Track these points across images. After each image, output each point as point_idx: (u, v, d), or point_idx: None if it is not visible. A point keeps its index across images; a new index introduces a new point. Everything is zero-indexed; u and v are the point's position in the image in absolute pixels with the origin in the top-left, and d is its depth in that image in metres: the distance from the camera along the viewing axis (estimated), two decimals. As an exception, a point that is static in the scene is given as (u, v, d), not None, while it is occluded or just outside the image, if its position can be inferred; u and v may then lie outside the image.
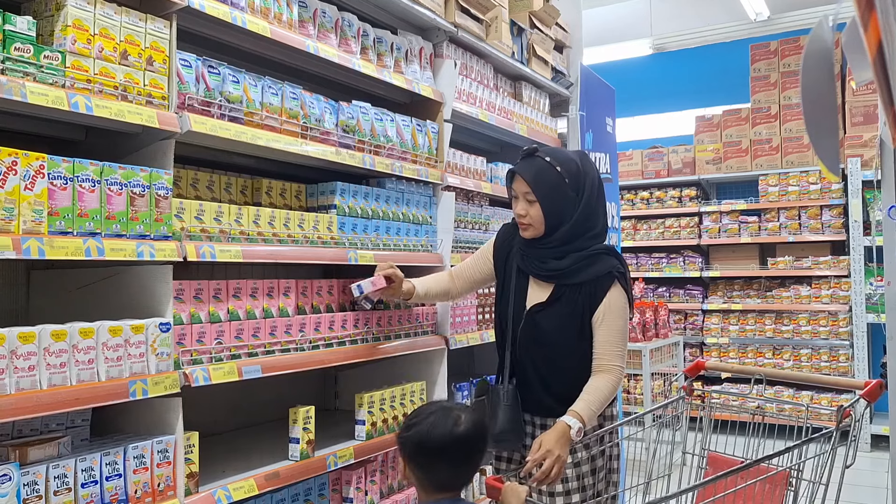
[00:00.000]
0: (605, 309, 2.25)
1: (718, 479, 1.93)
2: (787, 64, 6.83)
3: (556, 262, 2.30)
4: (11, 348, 1.62)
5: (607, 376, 2.23)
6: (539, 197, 2.25)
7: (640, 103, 7.91)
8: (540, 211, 2.26)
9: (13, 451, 1.71)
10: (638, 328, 5.52)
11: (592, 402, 2.19)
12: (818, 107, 1.11)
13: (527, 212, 2.28)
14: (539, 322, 2.31)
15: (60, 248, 1.70)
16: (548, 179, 2.25)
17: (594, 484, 2.31)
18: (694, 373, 2.61)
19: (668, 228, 7.27)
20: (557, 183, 2.26)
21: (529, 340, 2.33)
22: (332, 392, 3.34)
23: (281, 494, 2.37)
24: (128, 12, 1.91)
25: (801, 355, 6.48)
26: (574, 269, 2.27)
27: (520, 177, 2.29)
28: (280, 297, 2.37)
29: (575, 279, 2.27)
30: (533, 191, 2.25)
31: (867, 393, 2.11)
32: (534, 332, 2.31)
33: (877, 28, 0.68)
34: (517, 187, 2.31)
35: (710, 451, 2.48)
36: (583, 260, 2.27)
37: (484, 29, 3.45)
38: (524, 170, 2.28)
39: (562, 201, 2.26)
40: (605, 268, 2.27)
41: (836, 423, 2.05)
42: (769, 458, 2.00)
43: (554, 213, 2.26)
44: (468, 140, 3.89)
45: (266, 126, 2.30)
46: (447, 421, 1.80)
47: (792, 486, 2.16)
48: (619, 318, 2.27)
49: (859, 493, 4.81)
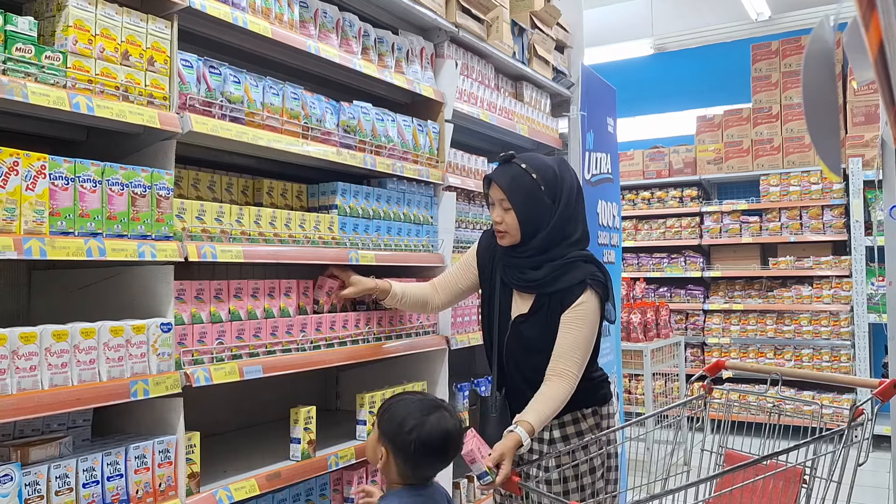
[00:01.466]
0: (572, 315, 2.21)
1: (730, 472, 1.96)
2: (788, 64, 6.83)
3: (533, 272, 2.27)
4: (13, 348, 1.62)
5: (561, 383, 2.17)
6: (514, 204, 2.22)
7: (641, 103, 7.91)
8: (515, 218, 2.23)
9: (15, 451, 1.71)
10: (639, 328, 5.52)
11: (542, 411, 2.13)
12: (819, 107, 1.11)
13: (502, 219, 2.25)
14: (523, 332, 2.30)
15: (62, 248, 1.70)
16: (523, 186, 2.23)
17: (592, 483, 2.31)
18: (714, 372, 2.61)
19: (670, 228, 7.27)
20: (533, 190, 2.23)
21: (516, 349, 2.32)
22: (333, 392, 3.34)
23: (282, 494, 2.38)
24: (129, 13, 1.92)
25: (803, 355, 6.48)
26: (550, 278, 2.24)
27: (495, 183, 2.26)
28: (281, 298, 2.37)
29: (551, 288, 2.24)
30: (508, 198, 2.22)
31: (880, 392, 2.10)
32: (520, 342, 2.30)
33: (878, 28, 0.68)
34: (493, 194, 2.29)
35: (728, 449, 2.48)
36: (558, 269, 2.24)
37: (485, 29, 3.45)
38: (499, 176, 2.25)
39: (537, 208, 2.23)
40: (580, 275, 2.23)
41: (849, 422, 2.05)
42: (780, 453, 2.01)
43: (529, 220, 2.23)
44: (469, 140, 3.89)
45: (267, 126, 2.30)
46: (450, 420, 1.91)
47: (806, 484, 2.17)
48: (586, 325, 2.21)
49: (861, 493, 4.80)
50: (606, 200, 4.43)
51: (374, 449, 1.95)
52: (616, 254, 4.57)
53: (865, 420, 2.07)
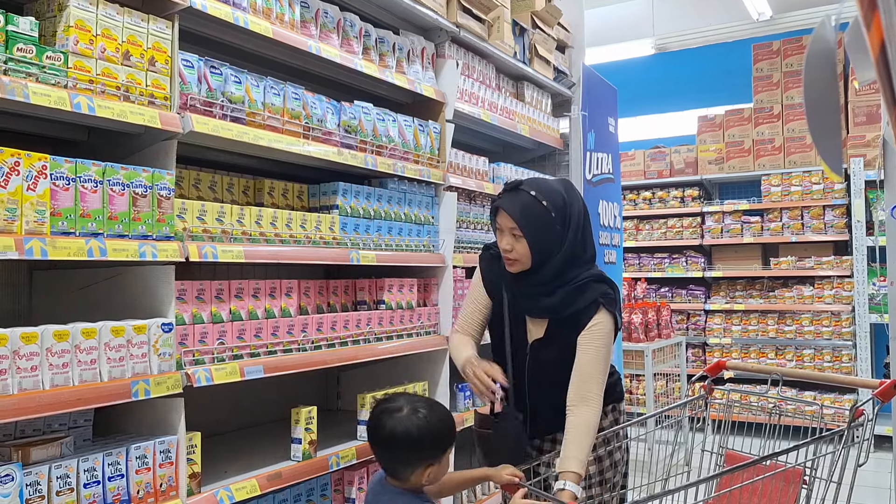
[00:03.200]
0: (588, 335, 2.20)
1: (729, 473, 1.95)
2: (789, 64, 6.82)
3: (546, 298, 2.24)
4: (14, 348, 1.62)
5: (587, 410, 2.14)
6: (525, 232, 2.19)
7: (642, 103, 7.90)
8: (527, 246, 2.20)
9: (16, 451, 1.71)
10: (640, 328, 5.52)
11: (582, 450, 2.07)
12: (821, 106, 1.11)
13: (513, 247, 2.22)
14: (542, 356, 2.28)
15: (63, 248, 1.70)
16: (534, 214, 2.19)
17: (613, 477, 2.32)
18: (715, 372, 2.60)
19: (671, 228, 7.26)
20: (544, 217, 2.20)
21: (537, 373, 2.29)
22: (334, 392, 3.34)
23: (283, 495, 2.38)
24: (130, 13, 1.92)
25: (804, 356, 6.47)
26: (564, 303, 2.23)
27: (504, 212, 2.21)
28: (282, 298, 2.37)
29: (565, 312, 2.23)
30: (519, 226, 2.18)
31: (881, 392, 2.09)
32: (540, 366, 2.28)
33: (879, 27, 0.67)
34: (502, 222, 2.23)
35: (728, 450, 2.48)
36: (571, 293, 2.22)
37: (486, 29, 3.45)
38: (509, 205, 2.21)
39: (549, 235, 2.21)
40: (593, 296, 2.21)
41: (849, 422, 2.05)
42: (780, 454, 2.00)
43: (541, 247, 2.21)
44: (470, 140, 3.89)
45: (268, 126, 2.30)
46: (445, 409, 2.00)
47: (807, 485, 2.16)
48: (603, 345, 2.20)
49: (862, 493, 4.79)
50: (608, 200, 4.43)
51: (417, 477, 1.88)
52: (617, 254, 4.57)
53: (865, 420, 2.06)
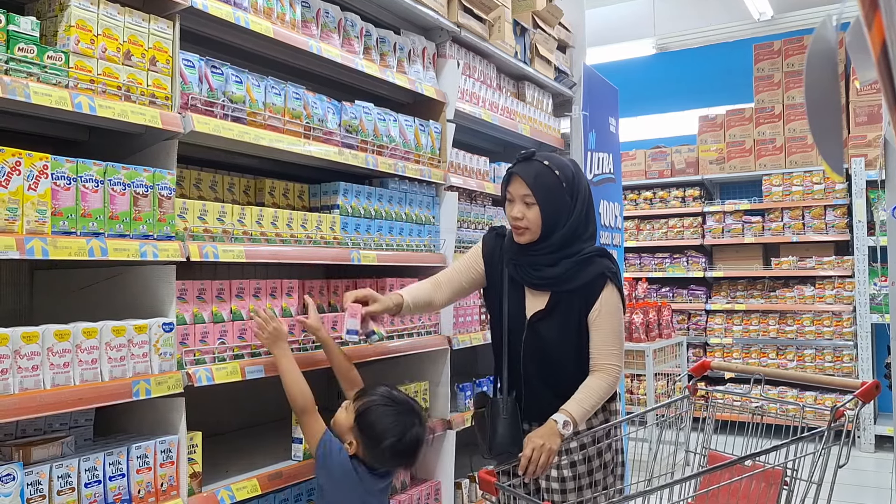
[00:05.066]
0: (599, 308, 2.26)
1: (707, 473, 1.99)
2: (790, 64, 6.82)
3: (550, 269, 2.28)
4: (15, 348, 1.62)
5: (602, 375, 2.25)
6: (539, 199, 2.24)
7: (643, 103, 7.90)
8: (538, 214, 2.24)
9: (17, 450, 1.71)
10: (641, 328, 5.51)
11: (584, 401, 2.20)
12: (822, 106, 1.11)
13: (524, 214, 2.26)
14: (540, 330, 2.29)
15: (64, 248, 1.70)
16: (547, 183, 2.24)
17: (602, 479, 2.31)
18: (699, 372, 2.61)
19: (672, 228, 7.26)
20: (556, 186, 2.25)
21: (534, 349, 2.31)
22: (334, 392, 3.33)
23: (284, 494, 2.38)
24: (131, 12, 1.92)
25: (805, 356, 6.46)
26: (568, 275, 2.26)
27: (519, 178, 2.26)
28: (283, 297, 2.37)
29: (570, 285, 2.26)
30: (533, 193, 2.24)
31: (861, 393, 2.13)
32: (537, 341, 2.30)
33: (881, 27, 0.67)
34: (514, 189, 2.28)
35: (711, 450, 2.48)
36: (575, 265, 2.27)
37: (487, 29, 3.45)
38: (523, 172, 2.26)
39: (559, 204, 2.26)
40: (598, 269, 2.27)
41: (829, 423, 2.06)
42: (759, 454, 2.03)
43: (551, 216, 2.25)
44: (471, 140, 3.89)
45: (269, 126, 2.30)
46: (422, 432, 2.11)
47: (787, 485, 2.17)
48: (614, 317, 2.28)
49: (863, 493, 4.80)
50: (609, 200, 4.43)
51: (345, 432, 2.07)
52: (618, 254, 4.57)
53: (847, 421, 2.07)
